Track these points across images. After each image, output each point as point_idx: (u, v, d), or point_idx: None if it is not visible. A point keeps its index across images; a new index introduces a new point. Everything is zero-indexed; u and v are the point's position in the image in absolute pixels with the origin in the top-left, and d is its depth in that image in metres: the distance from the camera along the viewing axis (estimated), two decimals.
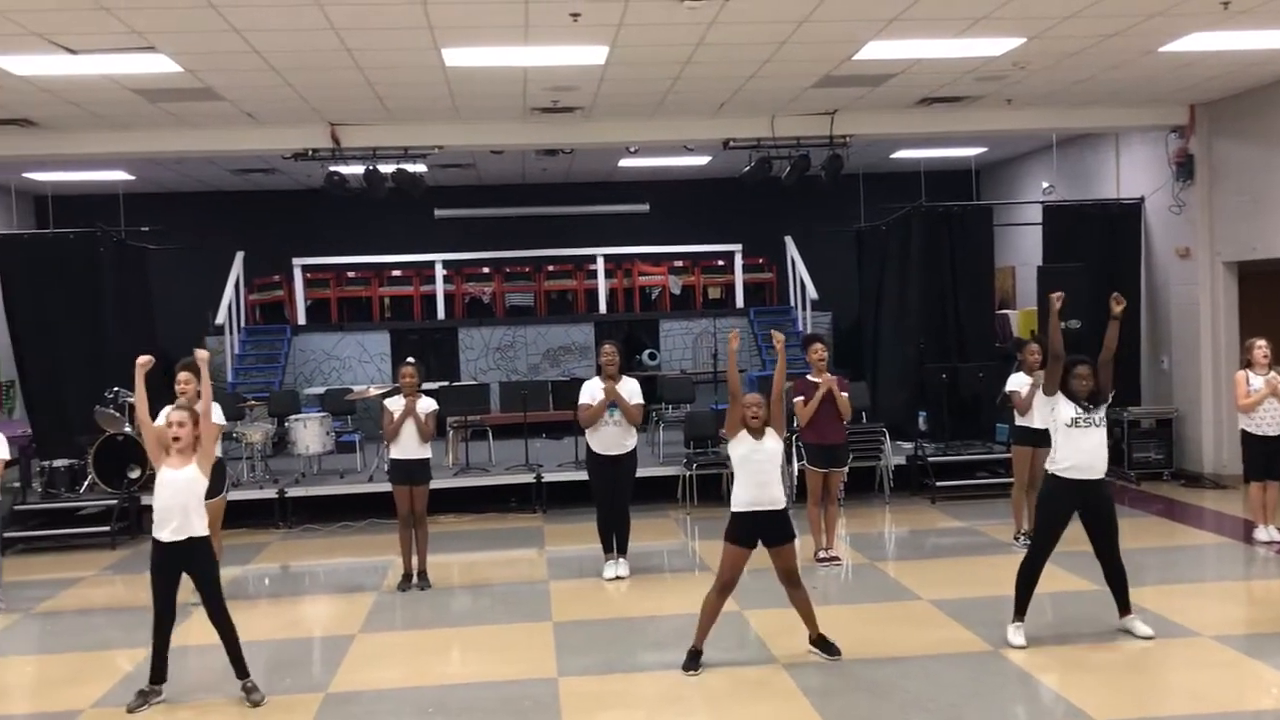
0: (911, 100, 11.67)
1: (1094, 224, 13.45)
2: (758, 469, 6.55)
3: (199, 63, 8.92)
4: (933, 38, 9.10)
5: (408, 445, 8.75)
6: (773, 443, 6.64)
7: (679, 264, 17.45)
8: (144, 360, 6.53)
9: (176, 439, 6.22)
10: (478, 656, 7.26)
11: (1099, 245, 13.26)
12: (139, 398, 6.47)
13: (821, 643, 6.79)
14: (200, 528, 6.26)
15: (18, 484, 10.20)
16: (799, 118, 12.07)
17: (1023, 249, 15.53)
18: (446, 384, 14.12)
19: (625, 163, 15.53)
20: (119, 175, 15.02)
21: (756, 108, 11.67)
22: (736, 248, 16.82)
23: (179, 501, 6.18)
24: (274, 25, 7.95)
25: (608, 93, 10.59)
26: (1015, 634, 6.87)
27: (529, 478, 11.83)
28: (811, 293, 15.57)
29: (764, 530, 6.58)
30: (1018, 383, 9.38)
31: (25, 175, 14.95)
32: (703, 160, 15.47)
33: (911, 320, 13.44)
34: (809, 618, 6.80)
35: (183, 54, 8.64)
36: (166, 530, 6.19)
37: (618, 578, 8.88)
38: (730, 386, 6.81)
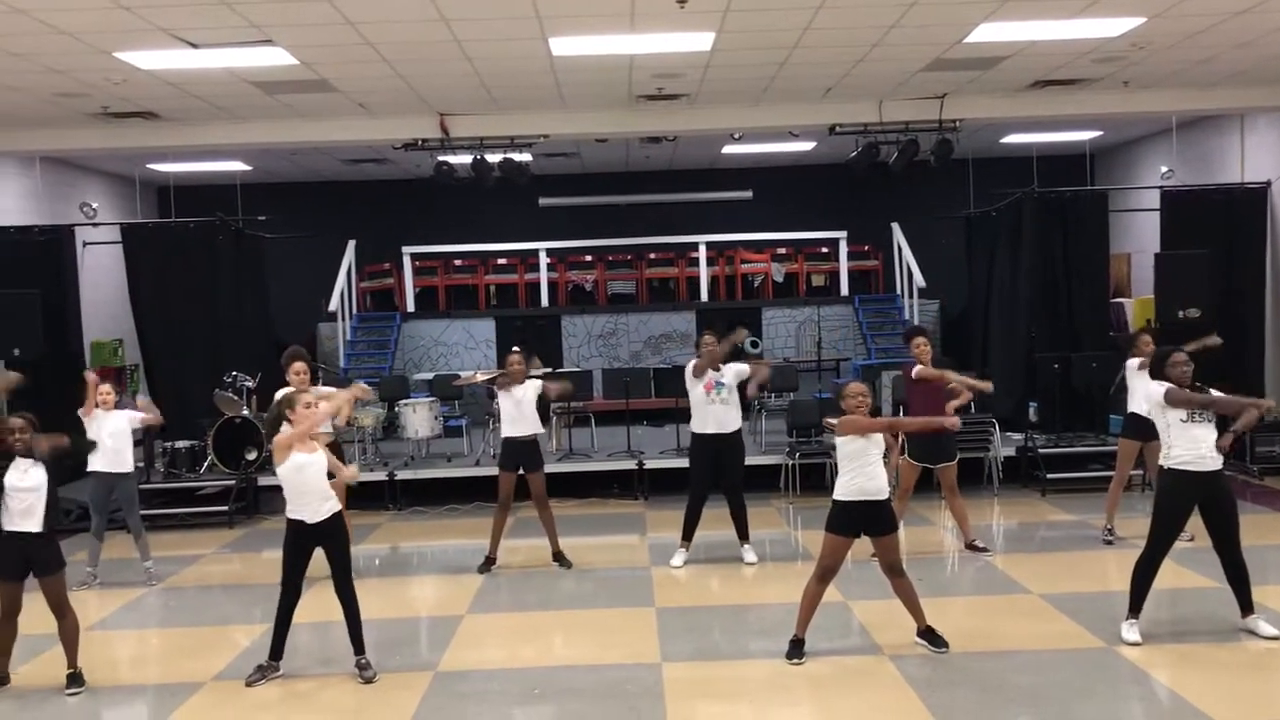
0: (1024, 83, 11.38)
1: (1216, 209, 12.97)
2: (868, 460, 6.48)
3: (314, 55, 9.15)
4: (1047, 19, 8.87)
5: (517, 424, 8.87)
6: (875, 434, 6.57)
7: (782, 251, 17.31)
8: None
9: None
10: (581, 640, 7.34)
11: (1221, 231, 12.79)
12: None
13: (928, 635, 6.70)
14: (335, 505, 6.47)
15: (142, 464, 10.62)
16: (907, 102, 11.87)
17: (1139, 235, 15.05)
18: (550, 370, 14.26)
19: (729, 149, 15.48)
20: (237, 166, 15.51)
21: (864, 92, 11.52)
22: (841, 234, 16.63)
23: (312, 483, 6.38)
24: (386, 17, 8.12)
25: (713, 79, 10.56)
26: (1130, 630, 6.68)
27: (631, 464, 11.90)
28: (919, 280, 15.32)
29: (867, 520, 6.51)
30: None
31: (149, 166, 15.55)
32: (807, 146, 15.33)
33: (1022, 309, 13.15)
34: (915, 609, 6.72)
35: (299, 47, 8.87)
36: (308, 511, 6.40)
37: (749, 563, 8.90)
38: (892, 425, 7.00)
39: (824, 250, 17.17)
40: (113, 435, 8.87)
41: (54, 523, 6.48)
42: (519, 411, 8.87)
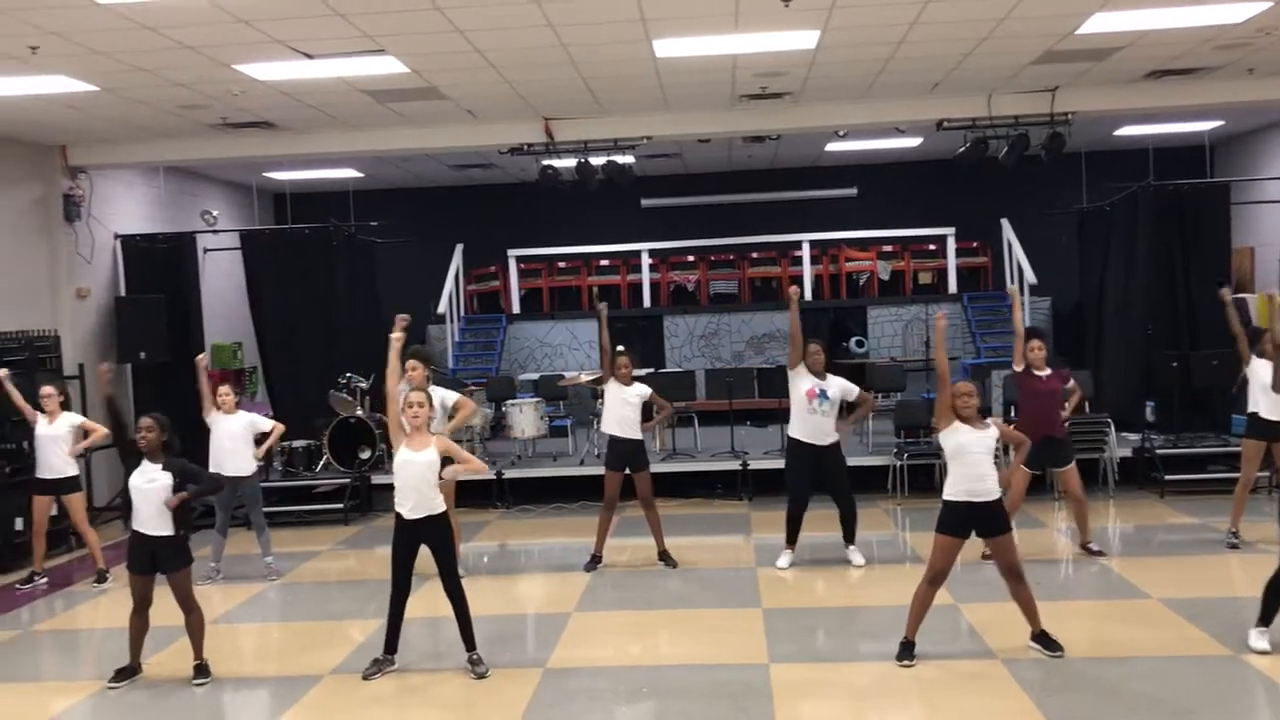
0: (1140, 73, 11.05)
1: None
2: (972, 460, 6.38)
3: (424, 63, 9.34)
4: (1165, 7, 8.59)
5: (625, 426, 8.94)
6: (987, 433, 6.45)
7: (888, 249, 17.09)
8: (399, 335, 6.97)
9: (415, 420, 6.56)
10: (688, 639, 7.36)
11: None
12: (391, 370, 6.86)
13: (1043, 639, 6.56)
14: (438, 505, 6.60)
15: (262, 463, 10.94)
16: (1017, 95, 11.61)
17: (1263, 228, 14.48)
18: (652, 371, 14.33)
19: (832, 146, 15.34)
20: (349, 173, 15.93)
21: (972, 86, 11.30)
22: (949, 231, 16.35)
23: (417, 481, 6.52)
24: (494, 24, 8.25)
25: (817, 76, 10.49)
26: (1258, 639, 6.43)
27: (734, 465, 11.88)
28: (1030, 277, 14.98)
29: (978, 521, 6.41)
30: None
31: (266, 175, 16.05)
32: (914, 142, 15.11)
33: (1138, 305, 12.75)
34: (1031, 613, 6.58)
35: (409, 55, 9.07)
36: (406, 507, 6.55)
37: (856, 566, 8.85)
38: (939, 371, 6.64)
39: (931, 247, 16.90)
40: (231, 438, 9.22)
41: (185, 528, 6.69)
42: (626, 413, 8.94)
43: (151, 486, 6.55)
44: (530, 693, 6.31)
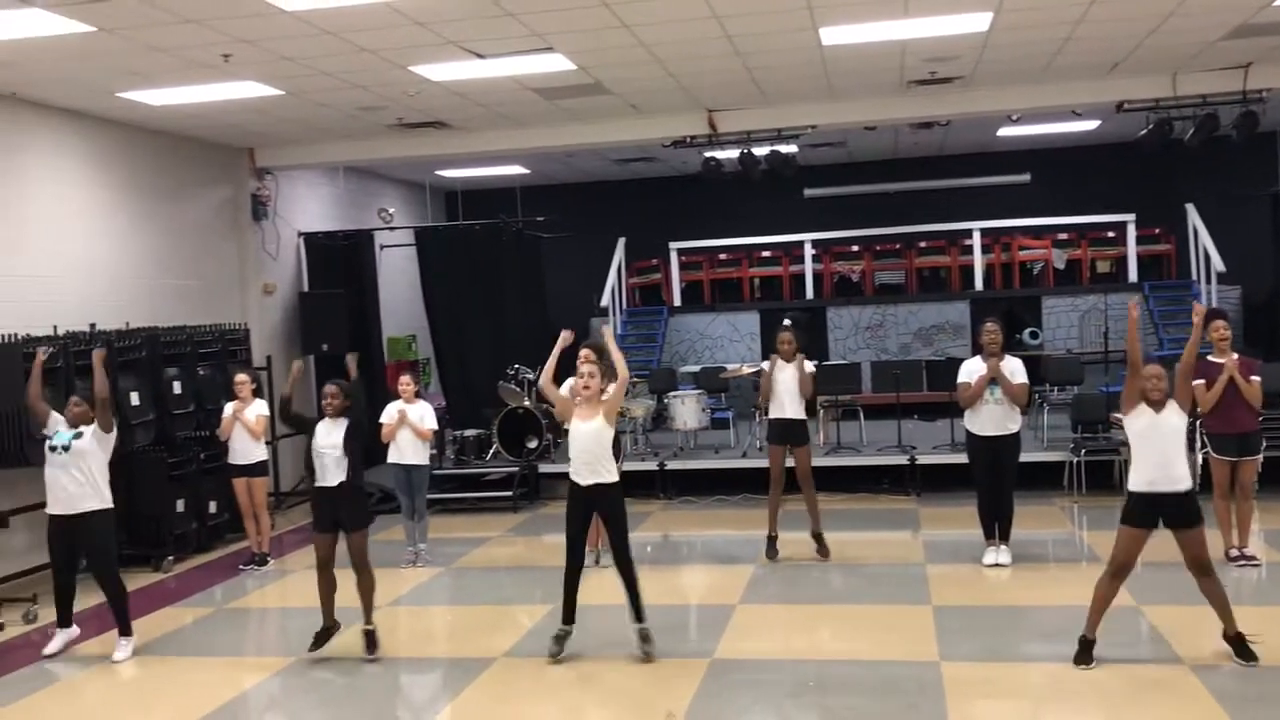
0: None
1: None
2: (1159, 445, 6.09)
3: (591, 59, 9.47)
4: None
5: (786, 405, 8.88)
6: (1176, 418, 6.15)
7: (1063, 236, 16.47)
8: (567, 335, 7.19)
9: (586, 388, 6.76)
10: (855, 634, 7.26)
11: None
12: (549, 364, 7.05)
13: (1237, 642, 6.18)
14: (609, 474, 6.72)
15: (434, 451, 11.37)
16: (1205, 74, 11.00)
17: None
18: (816, 363, 14.16)
19: (1004, 131, 14.86)
20: (516, 170, 16.29)
21: (1155, 65, 10.76)
22: (1129, 217, 15.64)
23: (588, 449, 6.68)
24: (660, 18, 8.30)
25: (990, 60, 10.18)
26: None
27: (902, 459, 11.66)
28: (1217, 264, 14.18)
29: (1165, 511, 6.10)
30: None
31: (438, 173, 16.57)
32: (1091, 125, 14.50)
33: None
34: (1224, 612, 6.21)
35: (577, 52, 9.21)
36: (580, 476, 6.73)
37: (998, 565, 8.57)
38: (1130, 358, 6.36)
39: (1110, 234, 16.20)
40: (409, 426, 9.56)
41: (356, 478, 7.00)
42: (787, 392, 8.86)
43: (331, 437, 6.93)
44: (697, 682, 6.34)
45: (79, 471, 7.17)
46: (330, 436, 6.96)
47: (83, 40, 8.01)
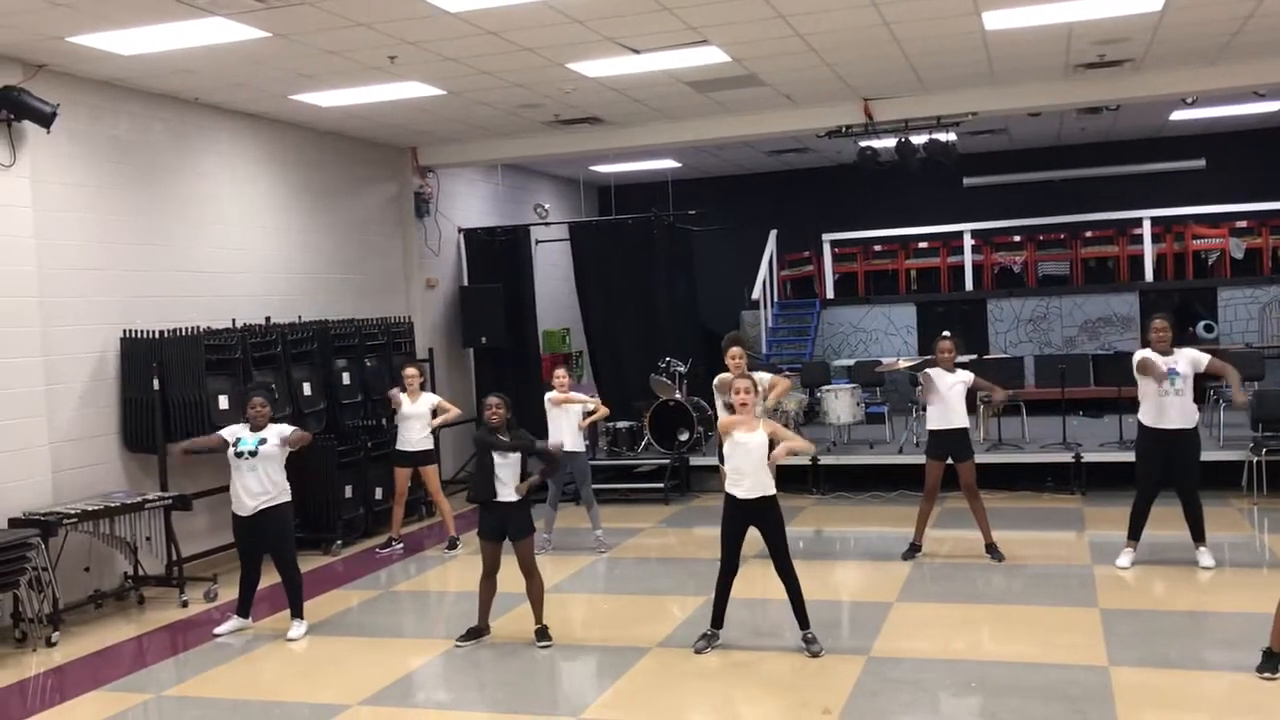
0: None
1: None
2: None
3: (746, 51, 9.44)
4: None
5: (947, 416, 8.70)
6: None
7: (1242, 224, 15.60)
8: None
9: (743, 404, 6.70)
10: (1017, 636, 7.06)
11: None
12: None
13: None
14: (770, 487, 6.70)
15: (588, 442, 11.54)
16: None
17: None
18: (976, 357, 13.81)
19: (1177, 115, 14.18)
20: (668, 164, 16.36)
21: None
22: None
23: (750, 463, 6.65)
24: (816, 7, 8.21)
25: (1163, 40, 9.71)
26: None
27: (1067, 457, 11.26)
28: None
29: None
30: None
31: (591, 168, 16.78)
32: (1272, 106, 13.70)
33: None
34: None
35: (731, 44, 9.19)
36: (740, 489, 6.70)
37: (1204, 568, 8.20)
38: None
39: None
40: (569, 416, 9.74)
41: (541, 496, 7.14)
42: (946, 403, 8.68)
43: (502, 462, 7.04)
44: (854, 678, 6.27)
45: (265, 474, 7.54)
46: (504, 458, 7.04)
47: (259, 45, 8.41)
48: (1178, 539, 8.49)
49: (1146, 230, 15.35)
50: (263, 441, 7.57)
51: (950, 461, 8.76)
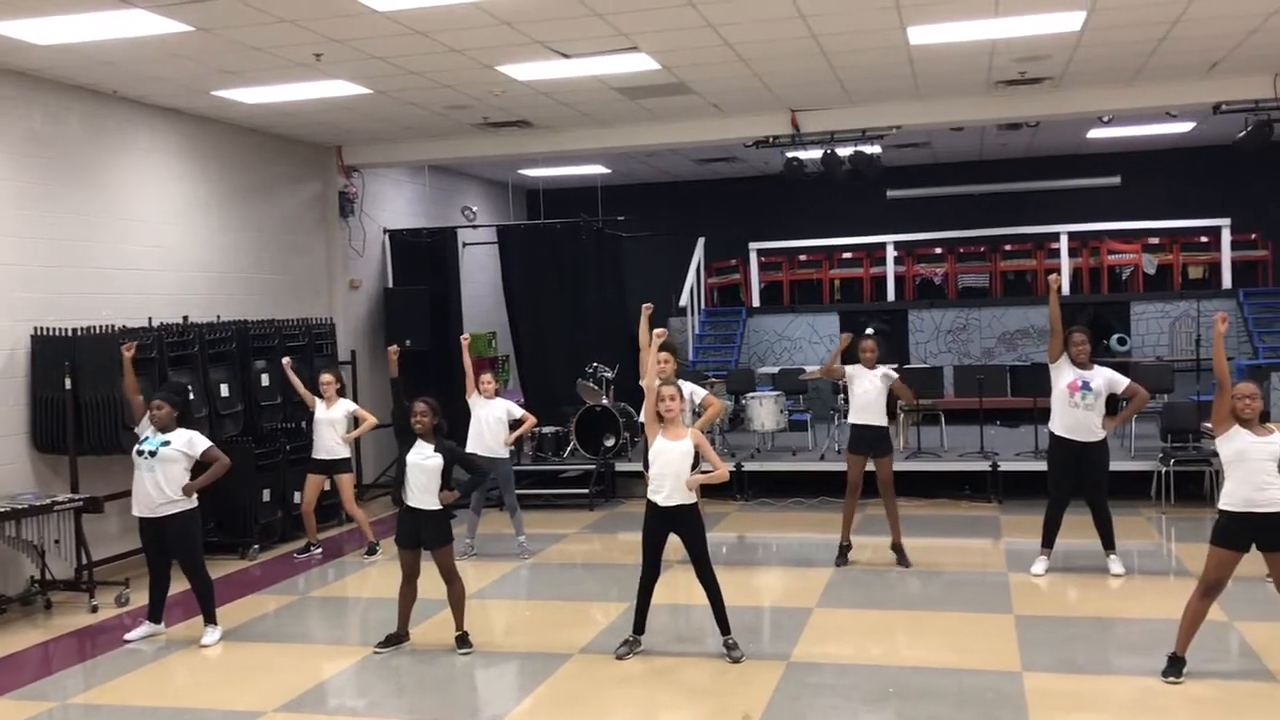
0: None
1: None
2: (1253, 468, 5.90)
3: (676, 59, 9.48)
4: None
5: (868, 413, 8.82)
6: (1270, 439, 5.96)
7: (1154, 241, 16.07)
8: (647, 308, 7.60)
9: (669, 411, 6.69)
10: (934, 642, 7.16)
11: None
12: (648, 363, 7.11)
13: None
14: (691, 495, 6.70)
15: (514, 447, 11.46)
16: None
17: None
18: (896, 366, 14.00)
19: (1094, 133, 14.56)
20: (598, 169, 16.37)
21: (1256, 65, 10.44)
22: (1223, 222, 15.21)
23: (673, 469, 6.65)
24: (745, 18, 8.27)
25: (1082, 60, 9.97)
26: None
27: (984, 465, 11.48)
28: None
29: (1259, 534, 5.93)
30: None
31: (520, 172, 16.72)
32: (1185, 127, 14.13)
33: None
34: None
35: (661, 52, 9.22)
36: (661, 494, 6.70)
37: (1115, 575, 8.41)
38: (1217, 374, 6.18)
39: (1203, 240, 15.78)
40: (490, 423, 9.71)
41: (464, 501, 7.08)
42: (869, 400, 8.80)
43: (426, 464, 6.96)
44: (774, 684, 6.32)
45: (162, 479, 7.26)
46: (426, 461, 6.97)
47: (181, 39, 8.23)
48: (1089, 547, 8.71)
49: (1064, 245, 15.73)
50: (166, 444, 7.30)
51: (870, 457, 8.89)
